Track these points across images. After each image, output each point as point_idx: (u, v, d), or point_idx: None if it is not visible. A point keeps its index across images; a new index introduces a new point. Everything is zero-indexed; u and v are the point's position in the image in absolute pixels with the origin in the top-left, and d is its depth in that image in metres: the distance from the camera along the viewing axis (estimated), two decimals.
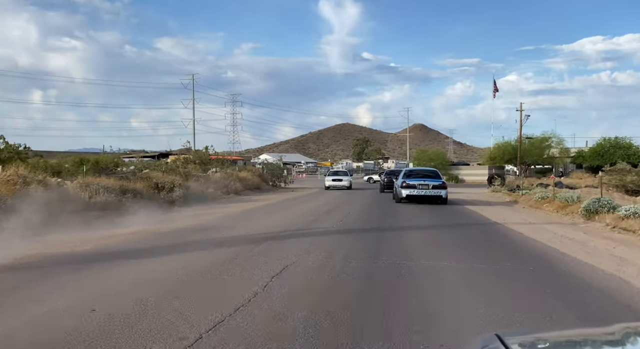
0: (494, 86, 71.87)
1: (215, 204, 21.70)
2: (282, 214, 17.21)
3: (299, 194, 29.94)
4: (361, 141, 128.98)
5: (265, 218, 15.45)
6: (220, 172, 30.55)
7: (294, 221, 14.51)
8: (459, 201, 24.92)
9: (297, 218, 15.47)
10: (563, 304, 5.76)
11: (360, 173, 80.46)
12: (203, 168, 30.88)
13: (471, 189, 40.43)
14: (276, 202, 23.49)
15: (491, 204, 24.06)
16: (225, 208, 19.50)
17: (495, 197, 28.03)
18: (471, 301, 5.86)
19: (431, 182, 21.97)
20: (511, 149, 62.59)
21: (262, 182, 34.78)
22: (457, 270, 7.72)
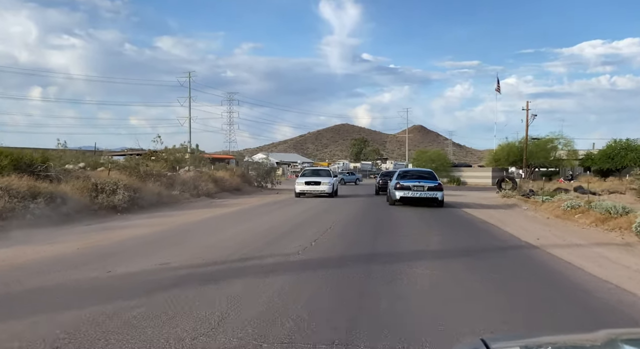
0: (497, 84, 67.77)
1: (173, 210, 17.44)
2: (240, 228, 12.89)
3: (281, 198, 25.63)
4: (359, 141, 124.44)
5: (211, 235, 11.11)
6: (193, 171, 26.26)
7: (246, 240, 10.17)
8: (469, 208, 20.65)
9: (254, 235, 11.16)
10: None
11: (357, 174, 76.16)
12: (171, 166, 26.58)
13: (477, 193, 36.16)
14: (248, 209, 19.23)
15: (508, 212, 19.74)
16: (177, 217, 15.22)
17: (510, 204, 23.71)
18: None
19: (426, 184, 20.27)
20: (516, 151, 58.33)
21: (244, 183, 30.49)
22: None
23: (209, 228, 12.74)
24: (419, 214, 17.44)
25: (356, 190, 37.47)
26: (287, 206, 20.84)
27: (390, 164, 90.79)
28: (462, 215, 17.96)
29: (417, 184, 20.15)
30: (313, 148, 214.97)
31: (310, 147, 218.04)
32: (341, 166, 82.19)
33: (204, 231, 12.01)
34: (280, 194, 29.29)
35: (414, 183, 20.23)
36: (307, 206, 20.84)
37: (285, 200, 24.20)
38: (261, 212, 17.55)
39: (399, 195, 20.20)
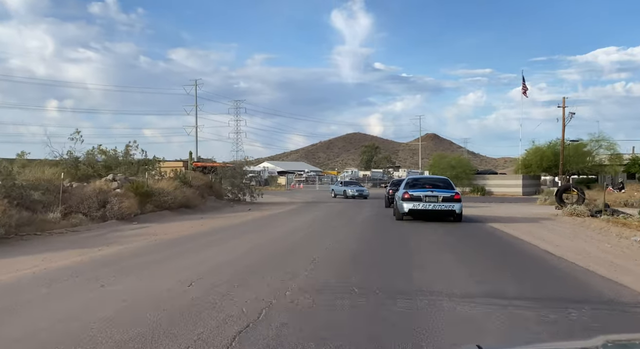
0: (523, 85, 58.34)
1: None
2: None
3: (246, 219, 16.86)
4: (370, 148, 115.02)
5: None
6: (119, 182, 17.46)
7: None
8: (511, 229, 11.42)
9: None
10: None
11: (367, 183, 67.01)
12: (74, 174, 17.83)
13: (509, 205, 27.10)
14: (159, 246, 10.34)
15: (608, 251, 10.52)
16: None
17: (591, 229, 14.51)
18: None
19: (441, 194, 16.07)
20: (550, 155, 48.89)
21: (205, 197, 21.64)
22: None
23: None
24: (434, 234, 8.94)
25: (360, 203, 28.49)
26: (251, 232, 11.88)
27: (404, 172, 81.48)
28: (522, 249, 8.90)
29: (429, 194, 15.94)
30: (324, 157, 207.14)
31: (322, 156, 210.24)
32: (349, 174, 73.10)
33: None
34: (253, 212, 20.46)
35: (425, 193, 16.01)
36: (279, 233, 11.94)
37: (254, 222, 15.45)
38: (200, 248, 8.63)
39: (407, 207, 16.00)
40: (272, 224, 15.13)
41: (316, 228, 13.89)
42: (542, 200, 33.59)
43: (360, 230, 13.81)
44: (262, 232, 12.78)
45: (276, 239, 11.37)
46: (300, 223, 15.51)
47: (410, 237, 11.81)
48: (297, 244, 10.32)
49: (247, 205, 24.60)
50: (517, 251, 10.06)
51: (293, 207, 24.41)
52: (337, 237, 11.67)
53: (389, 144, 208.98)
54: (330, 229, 13.76)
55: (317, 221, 16.69)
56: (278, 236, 12.08)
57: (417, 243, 10.83)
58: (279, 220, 16.68)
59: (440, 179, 18.31)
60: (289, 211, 21.27)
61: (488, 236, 12.58)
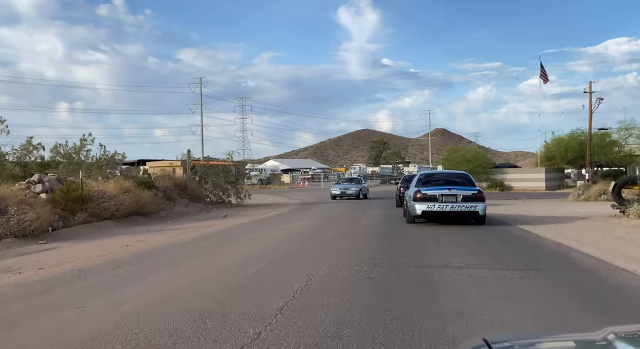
0: (542, 71, 53.19)
1: None
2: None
3: (208, 232, 12.43)
4: (378, 144, 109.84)
5: None
6: (28, 185, 13.06)
7: None
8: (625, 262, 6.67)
9: None
10: None
11: (376, 179, 62.32)
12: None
13: (546, 203, 22.57)
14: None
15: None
16: None
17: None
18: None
19: (460, 192, 12.76)
20: (576, 146, 43.88)
21: (163, 202, 17.18)
22: None
23: None
24: (459, 244, 7.09)
25: (365, 203, 23.86)
26: (185, 260, 7.31)
27: (414, 167, 76.62)
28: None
29: (446, 193, 12.89)
30: (334, 154, 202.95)
31: (331, 153, 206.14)
32: (357, 171, 68.42)
33: None
34: (227, 218, 16.04)
35: (441, 191, 12.95)
36: (238, 254, 7.41)
37: (208, 237, 10.87)
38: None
39: (420, 209, 12.89)
40: (237, 240, 10.66)
41: (297, 246, 9.43)
42: (575, 195, 28.79)
43: (359, 246, 9.32)
44: (208, 258, 8.31)
45: (219, 272, 6.94)
46: (278, 237, 11.03)
47: (433, 258, 7.26)
48: (247, 287, 5.84)
49: (228, 209, 20.15)
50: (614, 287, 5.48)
51: (284, 210, 19.95)
52: (321, 265, 7.13)
53: (398, 139, 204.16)
54: (317, 247, 9.28)
55: (304, 231, 12.21)
56: (228, 263, 7.62)
57: (448, 275, 6.24)
58: (253, 231, 12.21)
59: (458, 175, 15.11)
60: (276, 217, 16.80)
61: (552, 257, 7.98)
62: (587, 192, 28.49)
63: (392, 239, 10.60)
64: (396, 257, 7.95)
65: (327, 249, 8.93)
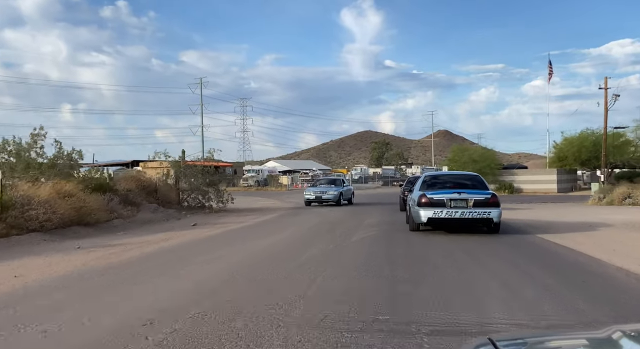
0: (550, 68, 50.12)
1: None
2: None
3: (154, 249, 9.49)
4: (380, 144, 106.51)
5: None
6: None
7: None
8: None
9: None
10: None
11: (377, 181, 59.33)
12: None
13: (567, 208, 19.88)
14: None
15: None
16: None
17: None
18: None
19: (471, 196, 10.97)
20: (589, 146, 40.80)
21: (119, 208, 14.22)
22: None
23: None
24: (486, 269, 7.13)
25: (364, 207, 20.89)
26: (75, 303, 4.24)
27: (417, 169, 73.56)
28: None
29: (455, 198, 10.91)
30: (336, 156, 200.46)
31: (334, 154, 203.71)
32: (359, 172, 65.44)
33: None
34: (196, 229, 13.12)
35: (450, 195, 10.96)
36: (161, 294, 4.31)
37: (151, 257, 7.92)
38: None
39: (425, 216, 10.88)
40: (179, 266, 7.71)
41: (256, 278, 6.50)
42: (595, 199, 25.78)
43: (346, 279, 6.36)
44: (104, 305, 5.36)
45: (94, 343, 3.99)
46: (239, 260, 8.11)
47: (458, 306, 4.31)
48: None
49: (206, 215, 17.22)
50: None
51: (270, 216, 17.01)
52: (271, 331, 4.17)
53: (401, 141, 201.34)
54: (283, 281, 6.31)
55: (280, 250, 9.29)
56: (123, 320, 4.69)
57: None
58: (213, 250, 9.29)
59: (467, 176, 13.22)
60: (255, 226, 13.87)
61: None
62: (610, 195, 25.48)
63: (393, 262, 7.65)
64: (400, 306, 4.99)
65: (297, 285, 5.97)
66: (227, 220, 15.57)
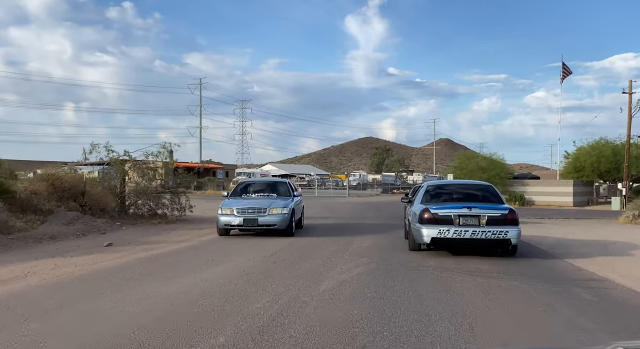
0: (563, 68, 45.82)
1: None
2: None
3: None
4: (381, 150, 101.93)
5: None
6: None
7: None
8: None
9: None
10: None
11: (377, 188, 55.00)
12: None
13: (598, 226, 16.12)
14: None
15: None
16: None
17: None
18: None
19: (484, 212, 9.00)
20: (610, 155, 36.53)
21: (29, 215, 9.99)
22: None
23: None
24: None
25: (355, 224, 16.62)
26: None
27: (418, 176, 69.27)
28: None
29: (465, 213, 8.91)
30: (337, 162, 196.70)
31: (334, 160, 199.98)
32: (357, 178, 61.14)
33: None
34: (107, 252, 8.84)
35: (458, 210, 8.95)
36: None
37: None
38: None
39: (428, 235, 8.90)
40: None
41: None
42: (629, 217, 21.43)
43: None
44: None
45: None
46: (123, 321, 3.81)
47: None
48: None
49: (145, 229, 12.92)
50: None
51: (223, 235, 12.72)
52: None
53: (402, 148, 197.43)
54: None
55: (182, 314, 5.00)
56: None
57: None
58: (91, 300, 5.04)
59: (478, 187, 10.86)
60: (191, 251, 9.59)
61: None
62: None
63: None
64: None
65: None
66: (167, 237, 11.33)
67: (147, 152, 15.33)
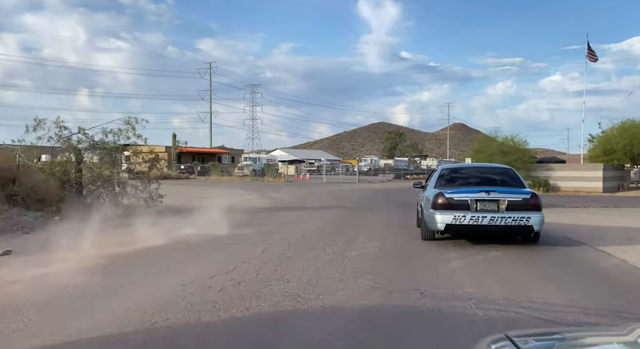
0: (588, 49, 41.87)
1: None
2: None
3: None
4: (394, 135, 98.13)
5: None
6: None
7: None
8: None
9: None
10: None
11: (389, 173, 51.84)
12: None
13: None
14: None
15: None
16: None
17: None
18: None
19: (504, 196, 8.21)
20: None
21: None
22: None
23: None
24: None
25: (357, 212, 13.60)
26: None
27: (432, 161, 65.88)
28: None
29: (483, 198, 8.15)
30: (349, 147, 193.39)
31: (346, 145, 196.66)
32: (368, 163, 57.99)
33: None
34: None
35: (475, 195, 8.20)
36: None
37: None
38: None
39: (443, 222, 8.16)
40: None
41: None
42: None
43: None
44: None
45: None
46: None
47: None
48: None
49: (80, 226, 10.09)
50: None
51: (182, 238, 9.87)
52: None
53: (415, 133, 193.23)
54: None
55: None
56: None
57: None
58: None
59: (497, 170, 9.83)
60: (93, 274, 6.69)
61: None
62: None
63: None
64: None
65: None
66: (104, 239, 8.46)
67: (105, 130, 12.37)
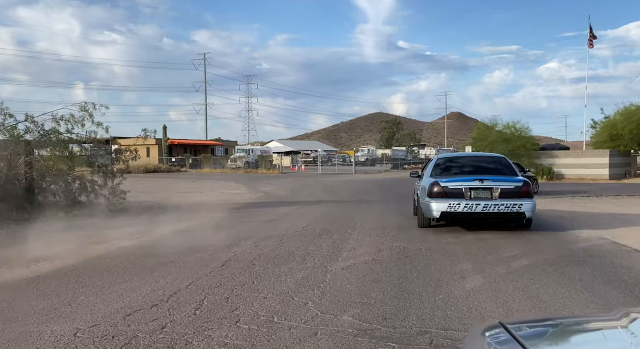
0: (590, 33, 40.09)
1: None
2: None
3: None
4: (391, 124, 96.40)
5: None
6: None
7: None
8: None
9: None
10: None
11: (386, 164, 50.20)
12: None
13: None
14: None
15: None
16: None
17: None
18: None
19: (497, 184, 8.58)
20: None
21: None
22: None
23: None
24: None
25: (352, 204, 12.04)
26: None
27: (431, 150, 64.23)
28: None
29: (476, 186, 8.49)
30: (347, 138, 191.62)
31: (344, 136, 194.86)
32: (365, 153, 56.31)
33: None
34: None
35: (469, 183, 8.54)
36: None
37: None
38: None
39: (438, 209, 8.50)
40: None
41: None
42: None
43: None
44: None
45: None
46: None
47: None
48: None
49: (15, 230, 8.47)
50: None
51: (129, 245, 8.27)
52: None
53: (412, 123, 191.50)
54: None
55: None
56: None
57: None
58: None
59: (490, 159, 10.34)
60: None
61: None
62: None
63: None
64: None
65: None
66: (39, 249, 6.85)
67: (56, 117, 10.68)
